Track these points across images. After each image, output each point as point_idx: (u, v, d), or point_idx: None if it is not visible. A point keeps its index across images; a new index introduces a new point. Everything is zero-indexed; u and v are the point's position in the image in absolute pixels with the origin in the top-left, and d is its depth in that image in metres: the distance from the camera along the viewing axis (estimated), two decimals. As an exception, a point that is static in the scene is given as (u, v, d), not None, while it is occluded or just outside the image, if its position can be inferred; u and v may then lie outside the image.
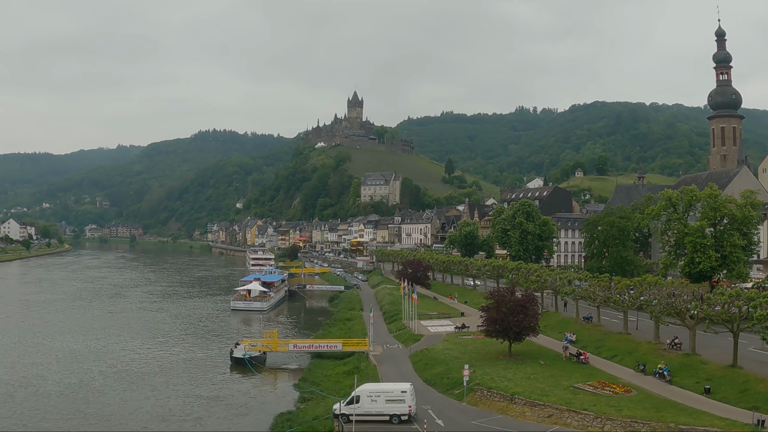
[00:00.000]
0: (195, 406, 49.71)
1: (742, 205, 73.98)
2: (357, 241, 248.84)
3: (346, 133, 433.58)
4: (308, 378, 57.65)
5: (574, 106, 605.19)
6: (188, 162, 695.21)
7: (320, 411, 44.17)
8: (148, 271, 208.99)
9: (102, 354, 70.72)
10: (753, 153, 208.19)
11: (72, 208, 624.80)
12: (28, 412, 47.31)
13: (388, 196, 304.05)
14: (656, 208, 79.98)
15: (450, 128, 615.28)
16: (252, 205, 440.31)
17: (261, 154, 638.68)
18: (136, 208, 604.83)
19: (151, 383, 57.07)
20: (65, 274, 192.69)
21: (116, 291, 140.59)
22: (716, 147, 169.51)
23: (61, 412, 47.50)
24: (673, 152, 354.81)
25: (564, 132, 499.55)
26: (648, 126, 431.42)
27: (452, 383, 49.18)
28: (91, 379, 58.72)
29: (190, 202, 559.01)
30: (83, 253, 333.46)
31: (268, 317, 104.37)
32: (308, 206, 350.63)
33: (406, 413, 40.98)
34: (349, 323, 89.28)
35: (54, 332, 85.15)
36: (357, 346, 66.58)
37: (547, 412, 38.85)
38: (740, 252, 72.61)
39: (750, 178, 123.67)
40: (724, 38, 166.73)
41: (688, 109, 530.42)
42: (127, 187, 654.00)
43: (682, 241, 74.15)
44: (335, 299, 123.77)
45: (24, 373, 60.74)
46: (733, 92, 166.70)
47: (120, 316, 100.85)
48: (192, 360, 68.13)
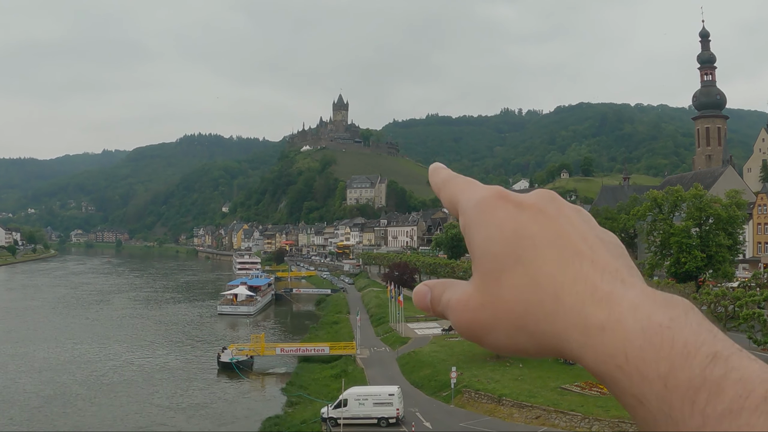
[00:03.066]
0: (181, 411, 49.39)
1: (727, 205, 74.25)
2: (343, 244, 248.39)
3: (332, 136, 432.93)
4: (296, 382, 57.49)
5: (559, 107, 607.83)
6: (174, 166, 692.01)
7: (308, 415, 44.05)
8: (133, 277, 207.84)
9: (83, 362, 69.64)
10: (737, 153, 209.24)
11: (57, 214, 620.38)
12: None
13: (374, 198, 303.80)
14: (642, 209, 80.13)
15: (435, 130, 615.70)
16: (238, 208, 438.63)
17: (246, 157, 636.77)
18: (122, 212, 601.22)
19: (134, 391, 56.46)
20: (50, 279, 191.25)
21: (101, 297, 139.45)
22: (701, 147, 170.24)
23: (33, 425, 46.63)
24: (658, 153, 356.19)
25: (549, 133, 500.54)
26: (633, 127, 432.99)
27: (440, 385, 49.11)
28: (69, 389, 57.61)
29: (176, 207, 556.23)
30: (69, 259, 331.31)
31: (255, 321, 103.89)
32: (294, 209, 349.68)
33: (394, 416, 40.90)
34: (336, 326, 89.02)
35: (34, 340, 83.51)
36: (344, 349, 66.39)
37: (535, 413, 38.85)
38: (726, 252, 72.87)
39: (735, 177, 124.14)
40: (708, 39, 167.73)
41: (672, 109, 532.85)
42: (113, 191, 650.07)
43: (667, 241, 74.33)
44: (322, 303, 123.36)
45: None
46: (718, 92, 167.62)
47: (104, 323, 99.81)
48: (178, 365, 67.67)
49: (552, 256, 0.86)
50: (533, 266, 0.86)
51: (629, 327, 0.77)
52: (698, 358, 0.72)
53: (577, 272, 0.84)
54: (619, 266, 0.86)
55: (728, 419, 0.68)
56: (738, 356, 0.73)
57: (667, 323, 0.76)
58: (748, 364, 0.72)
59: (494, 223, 0.90)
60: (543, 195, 0.94)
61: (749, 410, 0.68)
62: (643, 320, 0.77)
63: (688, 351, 0.73)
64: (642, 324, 0.76)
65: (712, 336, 0.75)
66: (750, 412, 0.68)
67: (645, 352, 0.75)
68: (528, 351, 0.88)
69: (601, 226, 0.88)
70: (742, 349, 0.74)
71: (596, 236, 0.90)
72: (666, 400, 0.72)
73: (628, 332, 0.77)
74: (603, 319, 0.79)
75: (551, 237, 0.88)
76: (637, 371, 0.74)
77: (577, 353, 0.81)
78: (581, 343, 0.80)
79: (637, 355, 0.75)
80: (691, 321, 0.77)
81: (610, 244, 0.91)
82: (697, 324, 0.76)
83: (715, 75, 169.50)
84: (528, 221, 0.89)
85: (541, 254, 0.86)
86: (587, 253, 0.86)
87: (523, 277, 0.85)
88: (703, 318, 0.78)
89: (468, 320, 0.90)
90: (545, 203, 0.92)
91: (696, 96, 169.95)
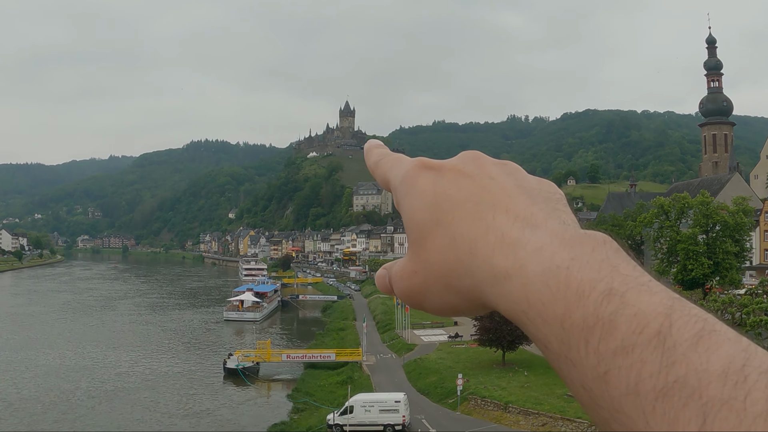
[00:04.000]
0: (186, 418, 49.38)
1: (734, 212, 74.00)
2: (349, 250, 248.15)
3: (339, 143, 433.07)
4: (301, 388, 57.45)
5: (565, 114, 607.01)
6: (180, 172, 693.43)
7: (314, 421, 44.02)
8: (140, 282, 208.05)
9: (88, 368, 69.65)
10: (744, 159, 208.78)
11: (64, 219, 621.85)
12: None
13: (381, 205, 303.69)
14: (648, 216, 79.95)
15: (442, 137, 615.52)
16: (244, 215, 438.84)
17: (253, 164, 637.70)
18: (129, 218, 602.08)
19: (139, 397, 56.49)
20: (57, 285, 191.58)
21: (107, 303, 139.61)
22: (708, 154, 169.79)
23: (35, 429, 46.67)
24: (664, 159, 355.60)
25: (556, 140, 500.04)
26: (639, 133, 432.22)
27: (446, 392, 49.03)
28: (73, 395, 57.70)
29: (183, 213, 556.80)
30: (75, 264, 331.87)
31: (261, 327, 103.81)
32: (300, 216, 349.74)
33: (400, 423, 40.85)
34: (342, 333, 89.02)
35: (39, 346, 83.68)
36: (350, 356, 66.32)
37: (541, 420, 38.74)
38: (733, 259, 72.63)
39: (742, 184, 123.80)
40: (714, 45, 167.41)
41: (679, 116, 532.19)
42: (120, 197, 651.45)
43: (674, 248, 74.13)
44: (328, 309, 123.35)
45: (1, 391, 59.10)
46: (724, 99, 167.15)
47: (109, 329, 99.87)
48: (185, 371, 67.66)
49: (468, 213, 0.86)
50: (451, 226, 0.86)
51: (530, 271, 0.77)
52: (592, 296, 0.72)
53: (489, 224, 0.84)
54: (534, 211, 0.85)
55: (621, 356, 0.68)
56: (636, 291, 0.72)
57: (567, 263, 0.75)
58: (647, 298, 0.71)
59: (416, 191, 0.92)
60: (464, 156, 0.95)
61: (641, 346, 0.67)
62: (545, 262, 0.77)
63: (583, 290, 0.72)
64: (542, 266, 0.76)
65: (611, 271, 0.74)
66: (642, 347, 0.67)
67: (543, 295, 0.75)
68: (461, 309, 0.90)
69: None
70: (645, 283, 0.73)
71: (517, 185, 0.90)
72: (564, 342, 0.72)
73: (530, 277, 0.77)
74: (508, 266, 0.79)
75: (468, 195, 0.88)
76: (538, 315, 0.74)
77: (493, 303, 0.81)
78: (493, 293, 0.81)
79: (537, 299, 0.75)
80: (594, 258, 0.76)
81: (534, 191, 0.90)
82: (600, 260, 0.75)
83: (721, 82, 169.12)
84: (447, 184, 0.90)
85: (458, 214, 0.87)
86: (503, 203, 0.86)
87: (444, 238, 0.86)
88: (612, 252, 0.77)
89: (405, 288, 0.92)
90: (465, 164, 0.92)
91: (702, 103, 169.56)
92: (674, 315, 0.69)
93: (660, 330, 0.68)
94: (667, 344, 0.67)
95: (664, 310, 0.69)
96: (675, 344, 0.67)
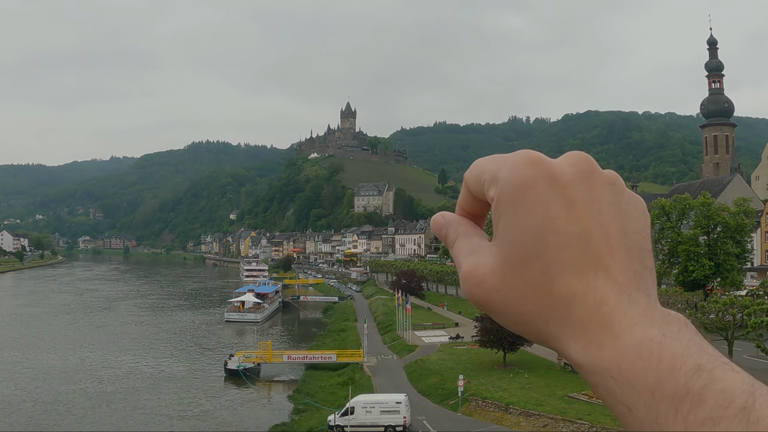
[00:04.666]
0: (187, 419, 49.38)
1: (735, 213, 74.03)
2: (350, 251, 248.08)
3: (339, 144, 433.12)
4: (302, 389, 57.44)
5: (566, 115, 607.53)
6: (181, 173, 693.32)
7: (315, 422, 44.02)
8: (141, 283, 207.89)
9: (88, 369, 69.38)
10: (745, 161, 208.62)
11: (65, 220, 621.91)
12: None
13: (382, 206, 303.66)
14: (649, 217, 79.95)
15: (443, 138, 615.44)
16: (245, 216, 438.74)
17: (254, 165, 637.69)
18: (130, 219, 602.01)
19: (140, 398, 56.38)
20: (57, 286, 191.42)
21: (108, 303, 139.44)
22: (709, 155, 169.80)
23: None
24: (665, 161, 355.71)
25: (557, 141, 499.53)
26: (641, 135, 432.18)
27: (447, 394, 49.03)
28: (72, 396, 57.42)
29: (184, 214, 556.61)
30: (77, 265, 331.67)
31: (262, 328, 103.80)
32: (302, 217, 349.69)
33: (401, 424, 40.86)
34: (343, 334, 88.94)
35: (39, 347, 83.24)
36: (351, 357, 66.33)
37: (542, 421, 38.74)
38: (734, 260, 72.65)
39: (743, 185, 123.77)
40: (716, 47, 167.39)
41: (680, 117, 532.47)
42: (121, 198, 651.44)
43: (675, 249, 74.17)
44: (329, 310, 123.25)
45: (1, 392, 58.95)
46: (726, 100, 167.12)
47: (110, 330, 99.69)
48: (185, 372, 67.65)
49: (571, 260, 0.87)
50: (552, 268, 0.87)
51: (624, 343, 0.82)
52: (683, 370, 0.78)
53: (590, 282, 0.87)
54: (630, 277, 0.89)
55: (708, 426, 0.74)
56: (722, 369, 0.78)
57: (659, 338, 0.82)
58: (731, 376, 0.77)
59: (524, 206, 0.89)
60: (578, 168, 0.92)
61: (728, 419, 0.73)
62: (638, 336, 0.82)
63: (675, 364, 0.78)
64: (636, 339, 0.82)
65: (698, 350, 0.81)
66: (729, 420, 0.73)
67: (636, 365, 0.80)
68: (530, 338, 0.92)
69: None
70: (728, 362, 0.80)
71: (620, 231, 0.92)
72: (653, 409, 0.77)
73: (624, 347, 0.82)
74: (603, 337, 0.84)
75: (576, 235, 0.88)
76: (628, 382, 0.80)
77: (574, 360, 0.85)
78: (581, 353, 0.85)
79: (629, 368, 0.80)
80: (681, 337, 0.83)
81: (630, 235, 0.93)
82: (687, 339, 0.82)
83: (722, 83, 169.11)
84: (557, 212, 0.88)
85: (562, 257, 0.87)
86: (605, 259, 0.88)
87: (541, 277, 0.87)
88: (694, 334, 0.85)
89: (480, 299, 0.92)
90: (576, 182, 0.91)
91: (704, 104, 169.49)
92: (756, 393, 0.76)
93: (745, 406, 0.75)
94: (752, 418, 0.74)
95: (747, 388, 0.76)
96: (758, 419, 0.74)
